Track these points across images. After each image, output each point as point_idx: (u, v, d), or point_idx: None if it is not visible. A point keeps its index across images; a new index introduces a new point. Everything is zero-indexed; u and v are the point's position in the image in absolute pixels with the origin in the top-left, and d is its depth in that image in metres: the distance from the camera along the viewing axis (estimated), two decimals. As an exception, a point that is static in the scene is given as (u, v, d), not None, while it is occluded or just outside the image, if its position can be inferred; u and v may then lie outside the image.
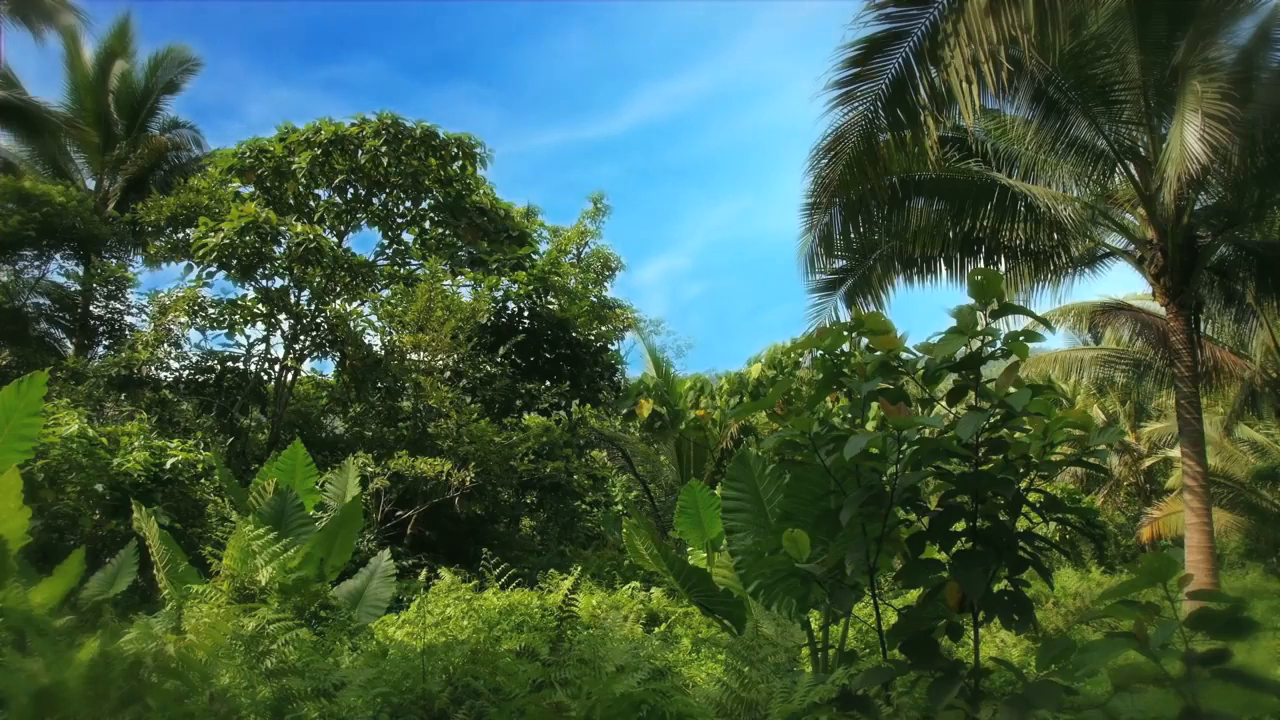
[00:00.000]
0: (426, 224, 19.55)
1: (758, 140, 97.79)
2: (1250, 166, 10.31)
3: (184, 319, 16.19)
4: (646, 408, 20.70)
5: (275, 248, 16.04)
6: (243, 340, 16.92)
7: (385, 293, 18.55)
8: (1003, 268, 12.62)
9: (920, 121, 8.73)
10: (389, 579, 8.57)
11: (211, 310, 16.50)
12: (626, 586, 12.56)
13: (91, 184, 21.87)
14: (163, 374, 16.49)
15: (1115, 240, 12.50)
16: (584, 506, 19.53)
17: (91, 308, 19.40)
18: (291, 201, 17.83)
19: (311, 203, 18.29)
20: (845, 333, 3.37)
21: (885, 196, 11.22)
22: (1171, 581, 2.49)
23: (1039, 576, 3.15)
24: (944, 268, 12.71)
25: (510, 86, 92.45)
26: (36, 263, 18.90)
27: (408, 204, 19.14)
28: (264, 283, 16.77)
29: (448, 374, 16.68)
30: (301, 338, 17.01)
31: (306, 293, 17.01)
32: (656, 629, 9.91)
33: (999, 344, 3.12)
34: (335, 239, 17.84)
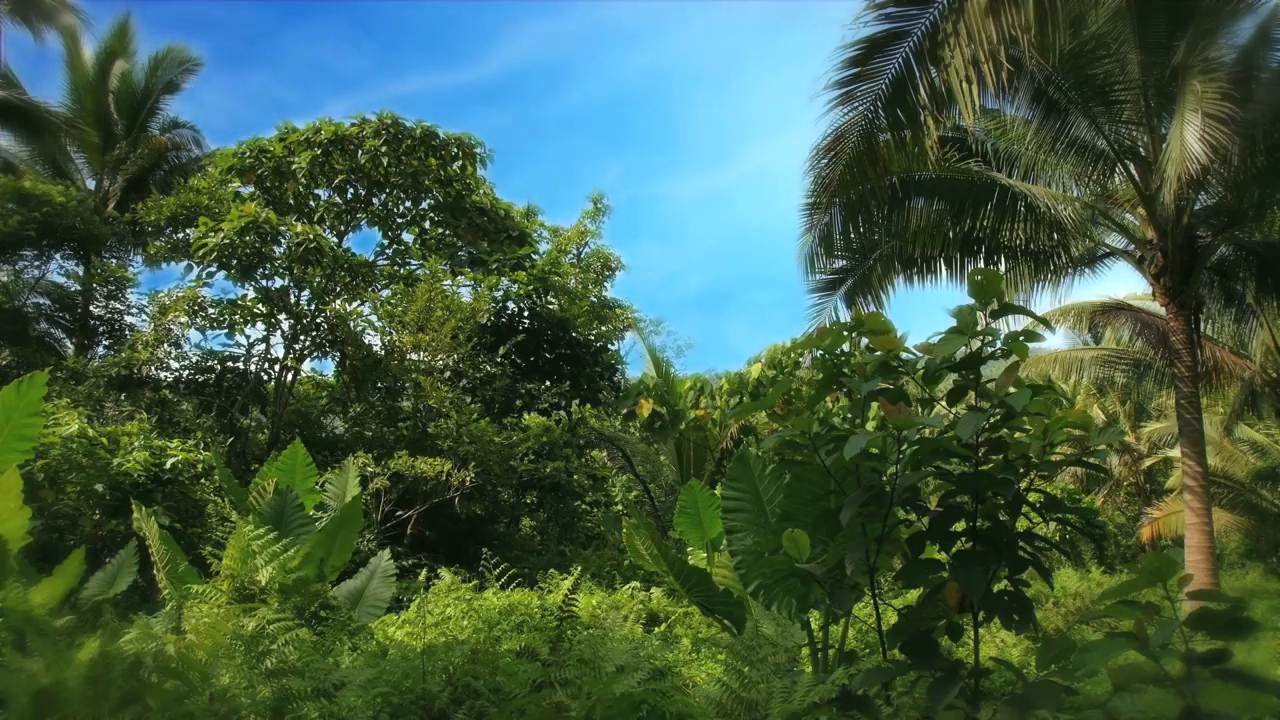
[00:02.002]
0: (426, 224, 19.54)
1: (648, 87, 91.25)
2: (1250, 166, 10.31)
3: (184, 319, 16.18)
4: (646, 408, 20.70)
5: (275, 248, 16.03)
6: (243, 340, 16.94)
7: (385, 293, 18.55)
8: (1003, 268, 12.62)
9: (920, 121, 8.73)
10: (389, 579, 8.57)
11: (211, 310, 16.50)
12: (626, 586, 12.56)
13: (91, 184, 21.87)
14: (163, 374, 16.49)
15: (1115, 240, 12.50)
16: (584, 506, 19.53)
17: (91, 308, 19.40)
18: (291, 201, 17.83)
19: (311, 203, 18.29)
20: (845, 333, 3.38)
21: (885, 196, 11.22)
22: (1171, 581, 2.49)
23: (1039, 576, 3.15)
24: (944, 268, 12.71)
25: (369, 24, 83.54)
26: (36, 263, 18.91)
27: (408, 204, 19.13)
28: (264, 283, 16.77)
29: (448, 374, 16.67)
30: (301, 338, 17.01)
31: (306, 293, 17.01)
32: (656, 629, 9.90)
33: (999, 344, 3.12)
34: (335, 239, 17.84)
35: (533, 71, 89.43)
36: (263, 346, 17.15)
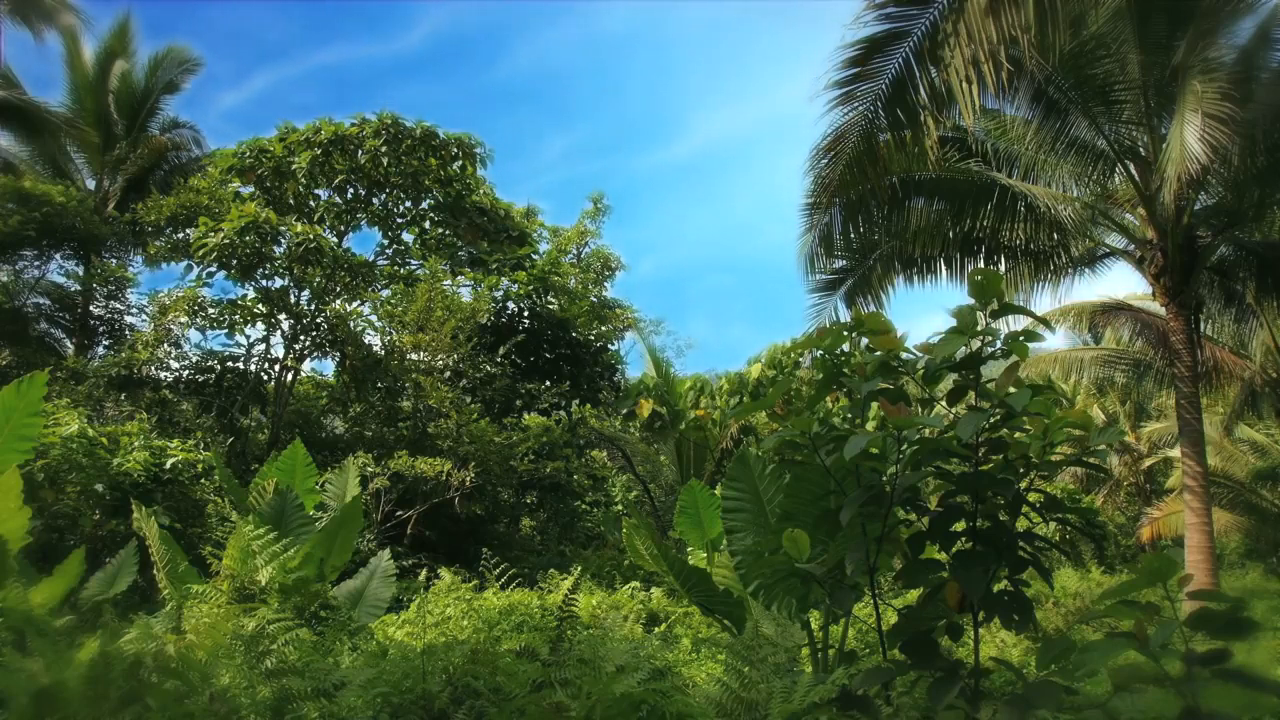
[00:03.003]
0: (426, 224, 19.55)
1: (587, 57, 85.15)
2: (1250, 166, 10.31)
3: (184, 319, 16.19)
4: (646, 408, 20.70)
5: (275, 248, 16.04)
6: (243, 340, 16.95)
7: (385, 293, 18.55)
8: (1003, 268, 12.62)
9: (920, 121, 8.73)
10: (389, 579, 8.57)
11: (211, 310, 16.50)
12: (626, 586, 12.56)
13: (91, 184, 21.87)
14: (163, 374, 16.50)
15: (1115, 240, 12.50)
16: (584, 506, 19.53)
17: (91, 308, 19.39)
18: (291, 201, 17.83)
19: (311, 203, 18.29)
20: (845, 333, 3.38)
21: (885, 196, 11.22)
22: (1171, 581, 2.49)
23: (1039, 576, 3.15)
24: (944, 268, 12.70)
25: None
26: (36, 263, 18.91)
27: (408, 204, 19.14)
28: (264, 283, 16.77)
29: (448, 374, 16.67)
30: (301, 338, 17.01)
31: (306, 293, 17.01)
32: (656, 629, 9.90)
33: (999, 344, 3.12)
34: (335, 239, 17.84)
35: (467, 40, 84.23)
36: (263, 346, 17.17)
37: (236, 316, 16.60)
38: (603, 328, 21.02)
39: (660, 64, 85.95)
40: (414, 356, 17.04)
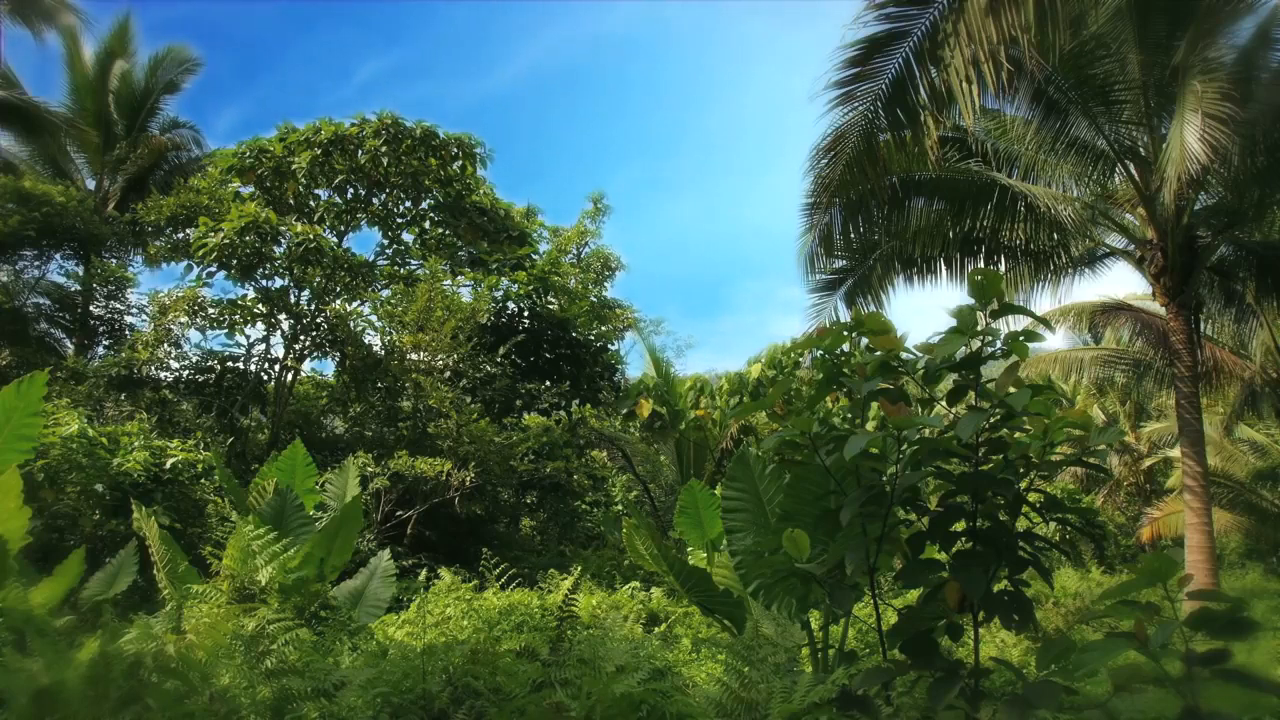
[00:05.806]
0: (426, 224, 19.55)
1: None
2: (1250, 166, 10.31)
3: (184, 319, 16.18)
4: (646, 408, 20.69)
5: (275, 248, 16.04)
6: (243, 340, 16.93)
7: (385, 293, 18.54)
8: (1003, 268, 12.62)
9: (920, 121, 8.72)
10: (389, 579, 8.57)
11: (211, 310, 16.49)
12: (626, 586, 12.56)
13: (91, 184, 21.88)
14: (163, 374, 16.49)
15: (1115, 240, 12.50)
16: (584, 506, 19.53)
17: (91, 308, 19.39)
18: (291, 201, 17.83)
19: (311, 203, 18.29)
20: (845, 333, 3.38)
21: (885, 196, 11.22)
22: (1171, 581, 2.49)
23: (1039, 576, 3.15)
24: (944, 268, 12.70)
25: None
26: (36, 263, 18.91)
27: (408, 204, 19.14)
28: (264, 283, 16.77)
29: (448, 374, 16.67)
30: (301, 338, 17.01)
31: (306, 293, 17.01)
32: (656, 629, 9.90)
33: (999, 344, 3.12)
34: (335, 239, 17.84)
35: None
36: (263, 346, 17.17)
37: (236, 316, 16.59)
38: (603, 328, 21.03)
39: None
40: (414, 356, 17.04)
